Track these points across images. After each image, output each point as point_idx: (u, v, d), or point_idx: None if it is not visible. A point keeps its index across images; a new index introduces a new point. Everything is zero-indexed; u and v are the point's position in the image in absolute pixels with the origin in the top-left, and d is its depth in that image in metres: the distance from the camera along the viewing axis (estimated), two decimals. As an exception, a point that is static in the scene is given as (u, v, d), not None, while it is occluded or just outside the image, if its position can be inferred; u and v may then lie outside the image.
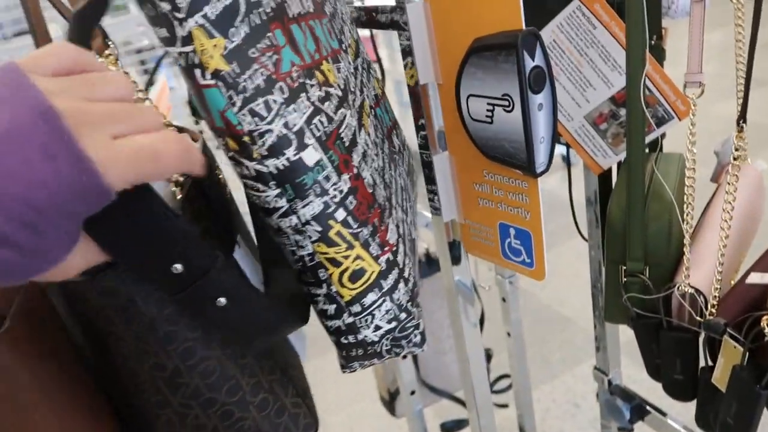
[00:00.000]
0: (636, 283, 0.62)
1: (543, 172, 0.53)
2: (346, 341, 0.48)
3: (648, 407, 0.78)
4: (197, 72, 0.38)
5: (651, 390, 0.73)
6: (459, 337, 0.72)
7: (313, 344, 2.13)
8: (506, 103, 0.51)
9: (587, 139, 0.74)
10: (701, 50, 0.53)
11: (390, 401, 1.34)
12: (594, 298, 0.82)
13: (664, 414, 0.77)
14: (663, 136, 0.77)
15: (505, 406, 1.29)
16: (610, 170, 0.77)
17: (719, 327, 0.52)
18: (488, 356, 1.35)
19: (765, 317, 0.50)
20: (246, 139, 0.39)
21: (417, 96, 0.62)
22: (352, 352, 0.49)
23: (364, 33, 0.67)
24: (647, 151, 0.75)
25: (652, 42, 0.71)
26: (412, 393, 0.97)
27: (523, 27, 0.49)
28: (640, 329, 0.62)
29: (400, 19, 0.58)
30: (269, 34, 0.40)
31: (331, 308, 0.46)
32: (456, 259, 0.67)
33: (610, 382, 0.83)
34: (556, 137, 0.53)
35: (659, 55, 0.72)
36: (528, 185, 0.55)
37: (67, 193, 0.26)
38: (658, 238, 0.61)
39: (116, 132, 0.29)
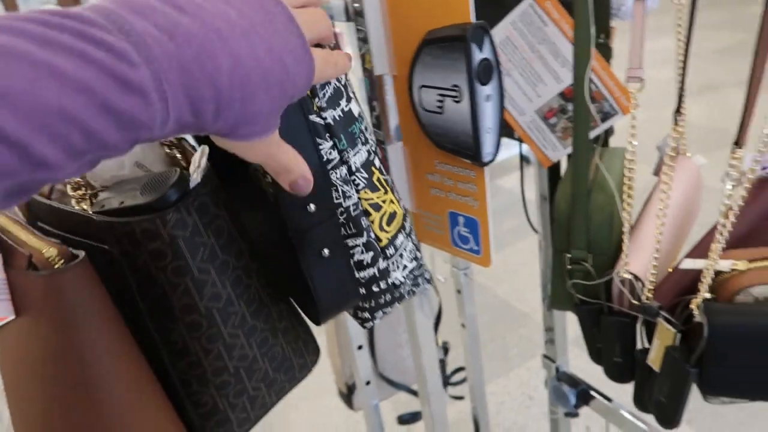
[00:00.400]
0: (580, 270, 0.64)
1: (490, 162, 0.55)
2: (377, 289, 0.51)
3: (592, 392, 0.81)
4: None
5: (603, 382, 0.75)
6: (411, 326, 0.73)
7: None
8: (455, 93, 0.53)
9: (538, 133, 0.76)
10: (642, 46, 0.56)
11: (348, 395, 1.35)
12: (544, 288, 0.84)
13: (608, 399, 0.80)
14: (610, 131, 0.80)
15: (460, 398, 1.32)
16: (560, 164, 0.79)
17: (653, 310, 0.55)
18: (445, 349, 1.37)
19: (694, 300, 0.53)
20: (307, 92, 0.44)
21: (373, 83, 0.63)
22: (381, 299, 0.53)
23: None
24: (596, 145, 0.79)
25: (600, 40, 0.74)
26: (368, 383, 0.99)
27: (473, 20, 0.51)
28: (583, 314, 0.65)
29: (356, 9, 0.59)
30: None
31: (368, 257, 0.50)
32: (409, 248, 0.69)
33: (557, 369, 0.86)
34: (502, 128, 0.55)
35: (606, 53, 0.75)
36: (476, 174, 0.57)
37: (300, 65, 0.32)
38: (601, 228, 0.64)
39: (313, 38, 0.35)
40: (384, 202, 0.50)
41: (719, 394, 0.54)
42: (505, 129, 0.81)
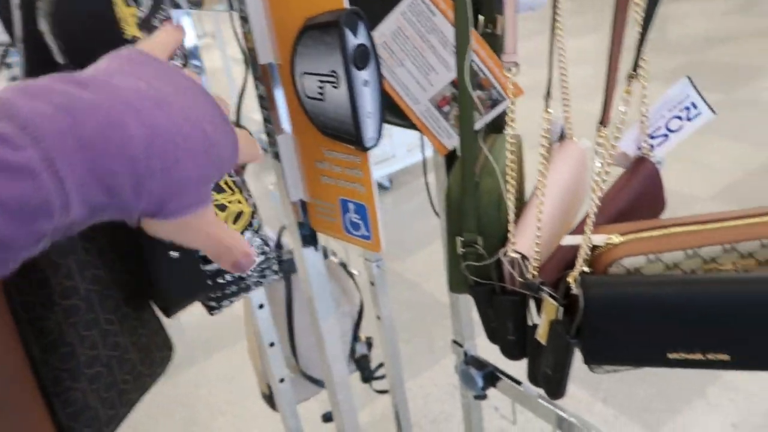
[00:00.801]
0: (472, 252, 0.66)
1: (372, 146, 0.55)
2: (223, 281, 0.55)
3: (499, 374, 0.83)
4: None
5: (514, 363, 0.77)
6: (314, 313, 0.73)
7: (199, 347, 2.08)
8: (333, 79, 0.53)
9: (432, 121, 0.78)
10: (515, 32, 0.58)
11: (270, 396, 1.33)
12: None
13: (514, 379, 0.82)
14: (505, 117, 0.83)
15: (385, 392, 1.32)
16: (455, 151, 0.81)
17: (534, 286, 0.57)
18: (369, 344, 1.37)
19: (572, 274, 0.55)
20: None
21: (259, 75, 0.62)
22: (227, 290, 0.56)
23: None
24: (490, 132, 0.81)
25: (488, 30, 0.76)
26: (282, 381, 0.98)
27: (346, 6, 0.51)
28: (477, 296, 0.67)
29: (234, -2, 0.58)
30: (163, 5, 0.48)
31: None
32: (306, 239, 0.69)
33: (465, 353, 0.88)
34: (383, 112, 0.55)
35: (494, 42, 0.77)
36: (361, 160, 0.57)
37: (221, 133, 0.32)
38: (490, 211, 0.65)
39: None
40: (230, 202, 0.54)
41: (600, 362, 0.57)
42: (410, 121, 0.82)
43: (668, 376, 1.53)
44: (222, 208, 0.52)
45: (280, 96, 0.63)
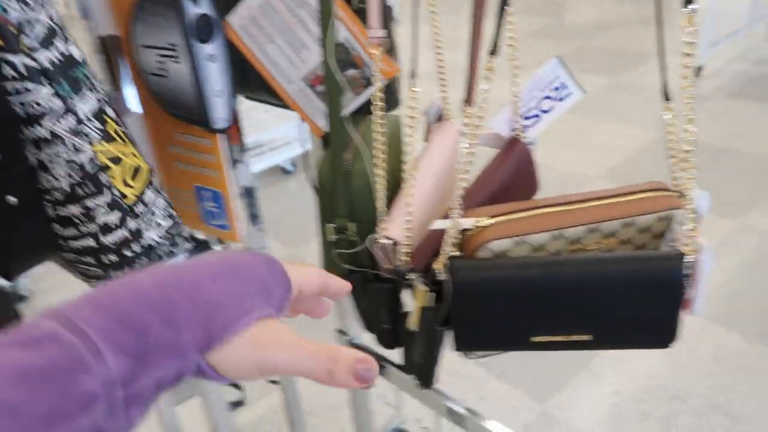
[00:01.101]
0: (344, 239, 0.63)
1: (223, 128, 0.51)
2: (131, 253, 0.49)
3: (384, 362, 0.81)
4: None
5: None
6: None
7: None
8: (173, 53, 0.48)
9: (306, 101, 0.73)
10: (378, 8, 0.55)
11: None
12: (330, 262, 0.83)
13: (400, 368, 0.81)
14: (395, 101, 0.80)
15: (276, 382, 1.29)
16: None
17: (401, 272, 0.54)
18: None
19: (439, 259, 0.54)
20: (12, 29, 0.40)
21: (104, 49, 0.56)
22: (136, 264, 0.51)
23: None
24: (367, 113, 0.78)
25: (362, 5, 0.72)
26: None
27: (185, -30, 0.46)
28: (351, 283, 0.64)
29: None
30: None
31: (114, 217, 0.47)
32: (164, 229, 0.63)
33: (350, 342, 0.85)
34: (234, 91, 0.51)
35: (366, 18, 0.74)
36: (212, 143, 0.52)
37: (253, 261, 0.32)
38: (362, 195, 0.63)
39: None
40: (125, 155, 0.46)
41: (469, 348, 0.56)
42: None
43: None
44: (116, 161, 0.46)
45: (126, 73, 0.57)
